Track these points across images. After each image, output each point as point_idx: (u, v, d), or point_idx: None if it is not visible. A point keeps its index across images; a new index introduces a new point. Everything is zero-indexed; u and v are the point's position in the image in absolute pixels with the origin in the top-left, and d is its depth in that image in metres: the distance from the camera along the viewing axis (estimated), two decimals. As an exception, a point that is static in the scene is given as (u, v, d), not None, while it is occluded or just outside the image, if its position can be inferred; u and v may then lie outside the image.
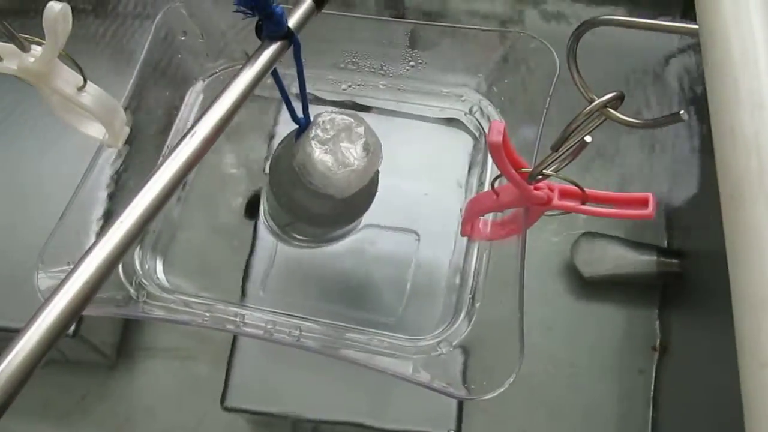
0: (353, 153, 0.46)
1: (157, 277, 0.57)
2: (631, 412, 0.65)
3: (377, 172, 0.50)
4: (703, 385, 0.58)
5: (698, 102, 0.70)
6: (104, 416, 0.66)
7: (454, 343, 0.53)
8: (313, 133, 0.47)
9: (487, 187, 0.55)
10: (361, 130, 0.47)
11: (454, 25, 0.59)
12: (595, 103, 0.37)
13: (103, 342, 0.64)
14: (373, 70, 0.61)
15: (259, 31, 0.38)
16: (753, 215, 0.24)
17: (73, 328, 0.57)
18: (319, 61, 0.60)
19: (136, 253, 0.56)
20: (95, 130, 0.50)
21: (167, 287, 0.56)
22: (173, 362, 0.65)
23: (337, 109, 0.48)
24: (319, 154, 0.46)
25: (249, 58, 0.37)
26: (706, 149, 0.65)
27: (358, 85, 0.62)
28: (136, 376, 0.65)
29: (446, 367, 0.52)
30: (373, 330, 0.54)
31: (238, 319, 0.53)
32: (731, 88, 0.25)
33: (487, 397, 0.47)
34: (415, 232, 0.61)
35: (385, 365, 0.50)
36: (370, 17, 0.62)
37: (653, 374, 0.65)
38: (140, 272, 0.55)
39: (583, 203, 0.46)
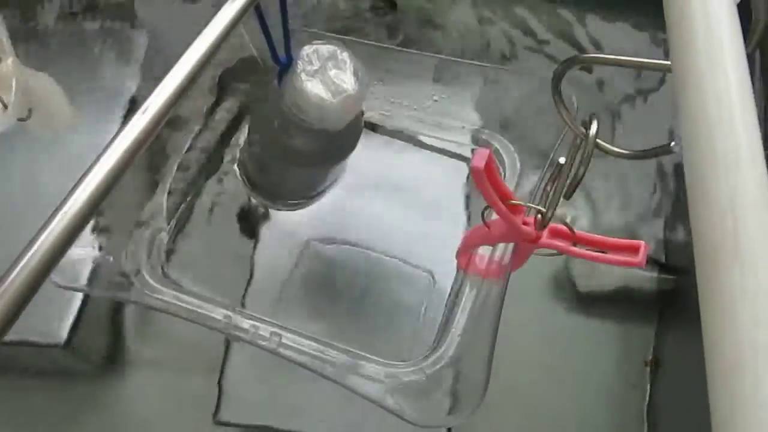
0: (344, 79, 0.45)
1: (161, 273, 0.58)
2: (625, 427, 0.65)
3: (362, 111, 0.50)
4: (697, 401, 0.58)
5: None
6: (94, 428, 0.66)
7: (428, 373, 0.53)
8: (300, 67, 0.45)
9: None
10: (345, 56, 0.46)
11: (480, 63, 0.60)
12: (590, 137, 0.37)
13: (95, 353, 0.64)
14: (397, 100, 0.62)
15: None
16: (727, 279, 0.23)
17: (65, 337, 0.59)
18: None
19: (143, 249, 0.57)
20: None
21: (169, 284, 0.57)
22: (164, 374, 0.65)
23: (317, 41, 0.47)
24: (310, 86, 0.45)
25: None
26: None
27: (382, 114, 0.63)
28: (127, 387, 0.65)
29: (414, 394, 0.52)
30: (355, 351, 0.55)
31: (225, 320, 0.54)
32: (706, 146, 0.25)
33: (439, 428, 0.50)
34: (429, 270, 0.62)
35: (355, 384, 0.51)
36: (400, 49, 0.64)
37: (647, 389, 0.65)
38: (144, 267, 0.56)
39: (574, 244, 0.46)
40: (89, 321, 0.61)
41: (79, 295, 0.61)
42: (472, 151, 0.63)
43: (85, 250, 0.54)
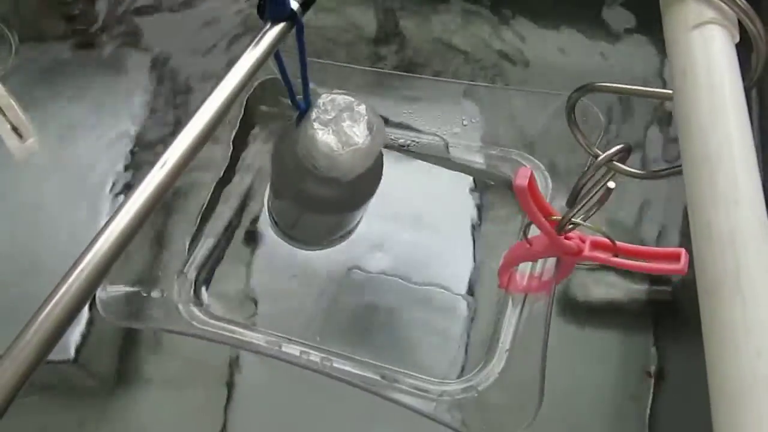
0: (356, 132, 0.45)
1: (205, 304, 0.59)
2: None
3: (381, 155, 0.49)
4: (698, 411, 0.58)
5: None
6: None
7: (479, 389, 0.53)
8: (314, 115, 0.45)
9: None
10: (362, 108, 0.46)
11: (504, 86, 0.62)
12: (600, 158, 0.38)
13: (103, 368, 0.64)
14: (426, 127, 0.63)
15: (261, 11, 0.37)
16: (729, 312, 0.24)
17: (73, 354, 0.59)
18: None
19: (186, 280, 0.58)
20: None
21: (211, 314, 0.58)
22: (172, 391, 0.64)
23: (337, 90, 0.47)
24: (321, 135, 0.45)
25: (253, 39, 0.36)
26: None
27: (414, 141, 0.64)
28: (134, 403, 0.64)
29: (468, 410, 0.53)
30: (404, 370, 0.56)
31: (271, 346, 0.55)
32: (708, 183, 0.26)
33: None
34: (462, 295, 0.62)
35: (409, 403, 0.52)
36: (427, 77, 0.65)
37: (649, 400, 0.64)
38: (189, 298, 0.58)
39: (615, 256, 0.47)
40: (97, 337, 0.62)
41: (86, 312, 0.61)
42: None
43: (127, 288, 0.55)
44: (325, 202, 0.51)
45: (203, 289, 0.60)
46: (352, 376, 0.53)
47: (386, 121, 0.60)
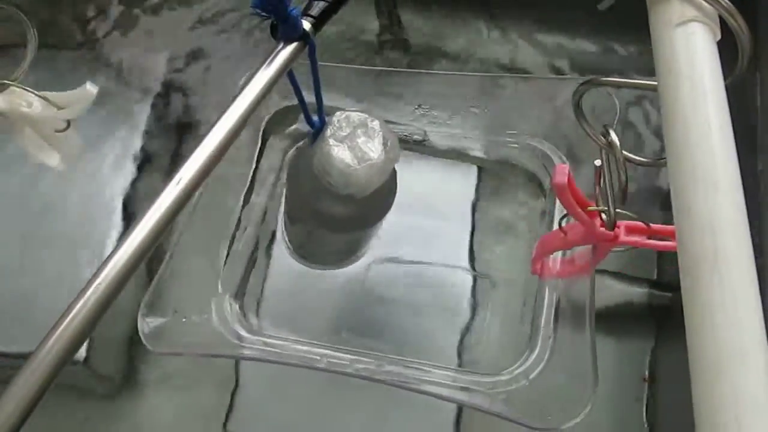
0: (371, 147, 0.46)
1: (249, 322, 0.60)
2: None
3: (395, 172, 0.50)
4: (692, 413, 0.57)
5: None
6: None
7: (530, 377, 0.54)
8: (329, 132, 0.46)
9: (555, 227, 0.57)
10: (376, 125, 0.47)
11: (518, 74, 0.63)
12: (615, 146, 0.40)
13: (109, 370, 0.64)
14: (440, 120, 0.63)
15: (274, 32, 0.38)
16: (707, 290, 0.26)
17: (84, 354, 0.59)
18: (391, 113, 0.62)
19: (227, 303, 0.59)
20: (53, 158, 0.50)
21: (260, 332, 0.59)
22: (178, 391, 0.65)
23: (350, 108, 0.48)
24: (337, 151, 0.45)
25: (266, 59, 0.37)
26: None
27: (428, 133, 0.65)
28: (140, 404, 0.65)
29: (523, 399, 0.53)
30: (453, 367, 0.57)
31: (323, 359, 0.56)
32: (689, 170, 0.27)
33: (564, 427, 0.48)
34: (487, 274, 0.63)
35: (462, 399, 0.53)
36: (437, 72, 0.66)
37: (644, 404, 0.65)
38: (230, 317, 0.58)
39: (649, 238, 0.48)
40: (105, 338, 0.63)
41: None
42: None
43: (166, 318, 0.55)
44: (340, 220, 0.52)
45: (241, 307, 0.61)
46: (402, 378, 0.54)
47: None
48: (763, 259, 0.51)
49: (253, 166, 0.62)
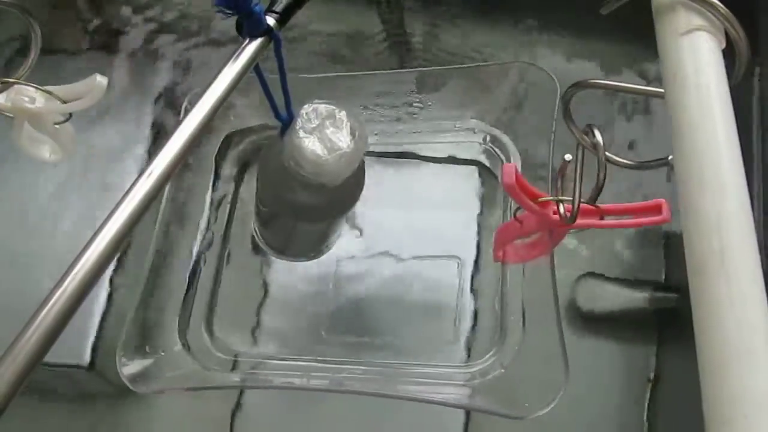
0: (340, 138, 0.47)
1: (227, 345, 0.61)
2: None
3: (363, 162, 0.51)
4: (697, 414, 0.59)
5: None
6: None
7: (505, 364, 0.55)
8: (299, 124, 0.47)
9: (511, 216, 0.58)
10: (343, 115, 0.47)
11: (457, 66, 0.64)
12: (599, 146, 0.41)
13: (115, 375, 0.62)
14: (388, 118, 0.64)
15: (240, 28, 0.39)
16: (715, 290, 0.27)
17: (88, 360, 0.61)
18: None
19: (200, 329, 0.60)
20: (48, 151, 0.51)
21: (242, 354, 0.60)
22: (183, 397, 0.65)
23: (317, 100, 0.48)
24: (307, 143, 0.46)
25: (232, 55, 0.38)
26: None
27: (375, 134, 0.65)
28: (146, 410, 0.65)
29: (497, 389, 0.54)
30: (426, 363, 0.58)
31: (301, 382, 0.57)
32: (696, 173, 0.29)
33: (537, 415, 0.50)
34: (457, 258, 0.64)
35: (442, 397, 0.53)
36: (378, 72, 0.66)
37: (645, 405, 0.66)
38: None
39: (601, 218, 0.49)
40: (111, 343, 0.62)
41: (98, 318, 0.63)
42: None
43: (148, 356, 0.56)
44: (313, 209, 0.53)
45: (213, 332, 0.62)
46: (379, 385, 0.56)
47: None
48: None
49: (209, 193, 0.64)
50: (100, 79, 0.46)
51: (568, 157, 0.43)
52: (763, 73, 0.57)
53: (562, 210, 0.46)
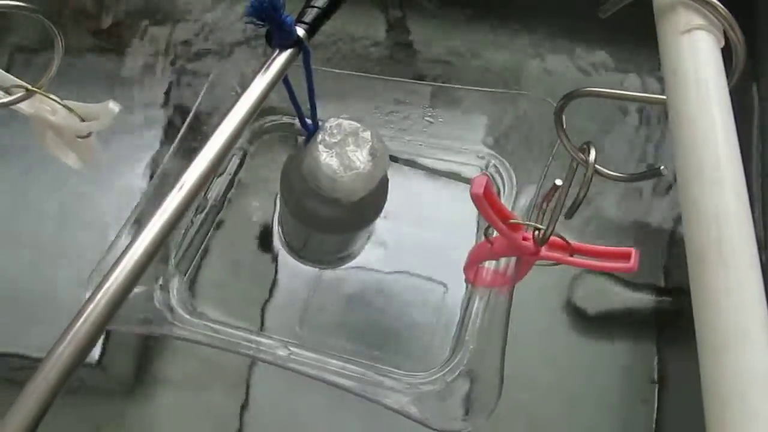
0: (359, 157, 0.47)
1: (189, 304, 0.61)
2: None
3: (386, 179, 0.51)
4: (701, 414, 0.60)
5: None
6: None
7: (448, 380, 0.56)
8: (320, 137, 0.47)
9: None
10: (367, 135, 0.48)
11: (471, 87, 0.64)
12: (589, 162, 0.41)
13: (122, 371, 0.65)
14: (396, 126, 0.65)
15: (269, 39, 0.39)
16: (713, 277, 0.28)
17: (97, 356, 0.61)
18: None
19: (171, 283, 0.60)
20: (69, 158, 0.52)
21: (196, 313, 0.60)
22: (190, 393, 0.66)
23: (344, 116, 0.49)
24: (325, 158, 0.47)
25: (262, 66, 0.39)
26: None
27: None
28: (152, 405, 0.65)
29: (434, 400, 0.55)
30: (376, 365, 0.58)
31: (247, 343, 0.57)
32: (695, 166, 0.30)
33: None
34: (442, 283, 0.65)
35: (378, 396, 0.53)
36: (394, 79, 0.66)
37: (655, 406, 0.67)
38: (173, 297, 0.59)
39: (571, 255, 0.50)
40: (117, 339, 0.64)
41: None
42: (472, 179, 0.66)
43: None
44: (327, 221, 0.53)
45: (190, 288, 0.63)
46: (322, 371, 0.55)
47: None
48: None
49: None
50: (112, 106, 0.47)
51: (558, 182, 0.43)
52: (761, 72, 0.59)
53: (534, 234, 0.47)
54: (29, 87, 0.45)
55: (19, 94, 0.45)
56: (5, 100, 0.44)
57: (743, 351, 0.27)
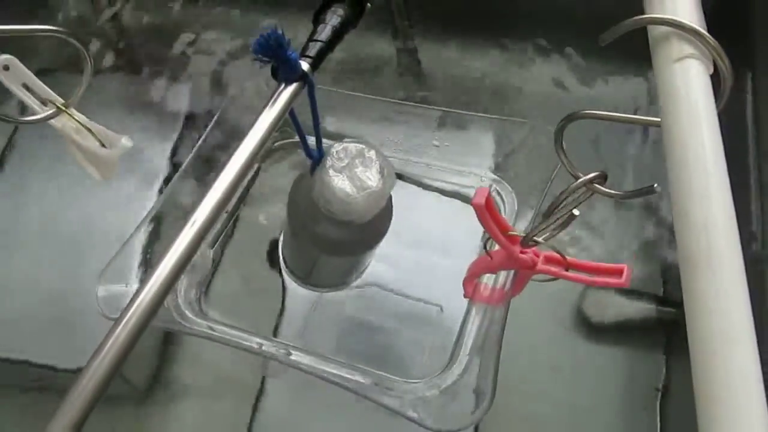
0: (369, 176, 0.48)
1: (198, 309, 0.62)
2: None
3: (390, 197, 0.52)
4: None
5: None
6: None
7: (441, 387, 0.57)
8: (329, 163, 0.48)
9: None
10: (372, 154, 0.49)
11: (477, 114, 0.66)
12: (580, 180, 0.43)
13: (137, 376, 0.66)
14: (403, 147, 0.67)
15: (275, 73, 0.40)
16: (702, 284, 0.31)
17: None
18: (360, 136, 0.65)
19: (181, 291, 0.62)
20: (92, 170, 0.55)
21: (205, 317, 0.62)
22: (203, 400, 0.66)
23: (348, 139, 0.50)
24: (337, 181, 0.47)
25: (269, 100, 0.40)
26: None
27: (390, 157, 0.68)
28: (165, 412, 0.66)
29: (427, 404, 0.56)
30: (377, 372, 0.59)
31: (255, 346, 0.58)
32: (686, 182, 0.32)
33: None
34: (439, 304, 0.66)
35: (378, 399, 0.55)
36: (405, 103, 0.68)
37: (658, 415, 0.67)
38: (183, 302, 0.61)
39: (566, 270, 0.52)
40: (134, 349, 0.64)
41: None
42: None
43: (131, 287, 0.57)
44: (339, 244, 0.54)
45: (197, 292, 0.64)
46: (326, 374, 0.57)
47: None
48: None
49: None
50: (125, 141, 0.52)
51: (576, 212, 0.45)
52: (756, 88, 0.62)
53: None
54: (59, 105, 0.48)
55: (49, 112, 0.48)
56: (37, 117, 0.47)
57: (730, 350, 0.29)
